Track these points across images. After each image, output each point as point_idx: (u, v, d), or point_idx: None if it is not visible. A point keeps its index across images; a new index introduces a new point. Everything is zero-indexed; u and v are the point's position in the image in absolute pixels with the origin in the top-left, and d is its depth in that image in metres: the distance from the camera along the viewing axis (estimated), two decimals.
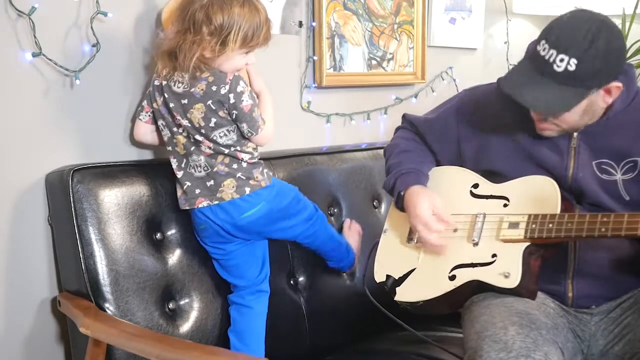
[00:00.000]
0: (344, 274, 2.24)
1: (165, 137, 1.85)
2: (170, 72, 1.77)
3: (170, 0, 1.95)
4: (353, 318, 2.18)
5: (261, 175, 1.82)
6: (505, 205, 1.71)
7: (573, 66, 1.51)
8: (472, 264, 1.67)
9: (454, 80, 3.01)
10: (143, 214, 1.86)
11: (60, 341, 1.96)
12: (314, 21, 2.44)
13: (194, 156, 1.79)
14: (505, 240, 1.65)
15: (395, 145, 1.94)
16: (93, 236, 1.77)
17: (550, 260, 1.68)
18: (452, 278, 1.68)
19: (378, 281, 1.81)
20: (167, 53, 1.75)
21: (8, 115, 1.78)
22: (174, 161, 1.83)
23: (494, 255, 1.64)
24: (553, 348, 1.52)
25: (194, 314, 1.90)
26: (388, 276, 1.79)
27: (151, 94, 1.85)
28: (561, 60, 1.51)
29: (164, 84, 1.80)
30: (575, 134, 1.68)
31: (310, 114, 2.50)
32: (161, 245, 1.89)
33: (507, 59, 3.21)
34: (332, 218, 2.26)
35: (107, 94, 1.95)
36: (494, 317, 1.57)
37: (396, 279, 1.78)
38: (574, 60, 1.50)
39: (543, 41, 1.55)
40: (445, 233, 1.73)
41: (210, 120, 1.75)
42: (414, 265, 1.77)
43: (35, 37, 1.77)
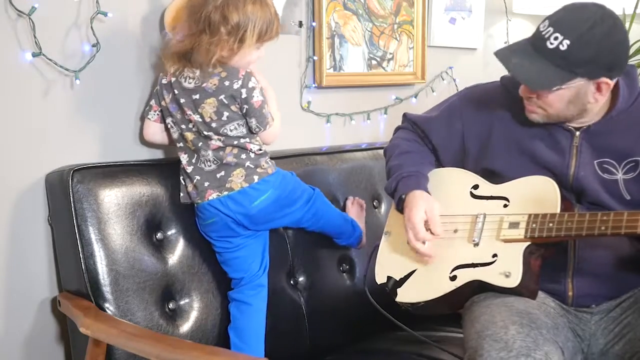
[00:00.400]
0: (344, 273, 2.24)
1: (175, 135, 1.88)
2: (180, 69, 1.81)
3: (173, 2, 1.96)
4: (353, 318, 2.18)
5: (266, 164, 1.87)
6: (505, 206, 1.71)
7: (565, 46, 1.53)
8: (473, 264, 1.67)
9: (454, 80, 3.01)
10: (143, 214, 1.86)
11: (60, 341, 1.96)
12: (314, 21, 2.44)
13: (202, 151, 1.83)
14: (506, 240, 1.65)
15: (395, 146, 1.93)
16: (93, 236, 1.77)
17: (550, 259, 1.68)
18: (453, 278, 1.68)
19: (379, 282, 1.81)
20: (179, 54, 1.79)
21: (8, 115, 1.78)
22: (185, 157, 1.86)
23: (495, 255, 1.64)
24: (553, 347, 1.52)
25: (194, 314, 1.90)
26: (389, 277, 1.79)
27: (159, 93, 1.88)
28: (555, 38, 1.54)
29: (173, 80, 1.83)
30: (577, 133, 1.68)
31: (310, 114, 2.50)
32: (161, 245, 1.89)
33: None
34: None
35: (107, 94, 1.95)
36: (495, 317, 1.57)
37: (397, 280, 1.78)
38: (567, 41, 1.53)
39: (547, 20, 1.58)
40: (445, 233, 1.74)
41: (222, 114, 1.79)
42: (414, 267, 1.77)
43: (35, 37, 1.77)
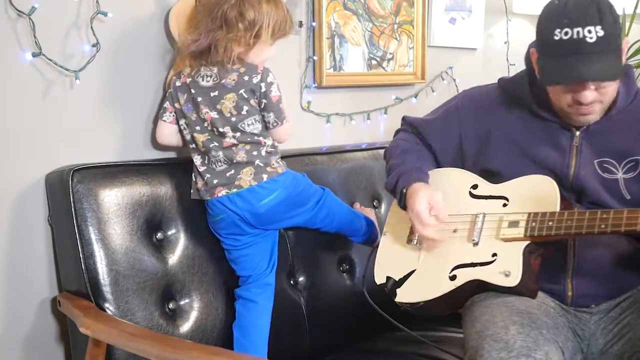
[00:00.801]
0: (344, 273, 2.24)
1: (187, 137, 1.91)
2: (196, 69, 1.86)
3: (175, 5, 1.96)
4: (353, 318, 2.18)
5: (277, 163, 1.90)
6: (504, 205, 1.71)
7: (602, 32, 1.53)
8: (473, 263, 1.67)
9: (454, 80, 3.01)
10: (143, 214, 1.86)
11: (60, 341, 1.96)
12: (314, 21, 2.44)
13: (212, 152, 1.86)
14: (505, 239, 1.65)
15: (396, 146, 1.94)
16: (93, 236, 1.77)
17: (550, 259, 1.68)
18: (453, 278, 1.68)
19: (378, 283, 1.80)
20: (195, 53, 1.84)
21: (8, 115, 1.78)
22: (198, 157, 1.89)
23: (494, 255, 1.64)
24: (553, 347, 1.52)
25: (194, 314, 1.90)
26: (388, 278, 1.79)
27: (172, 95, 1.91)
28: (589, 31, 1.53)
29: (189, 81, 1.87)
30: (577, 133, 1.68)
31: (310, 114, 2.50)
32: (161, 245, 1.89)
33: (507, 59, 3.21)
34: None
35: (107, 94, 1.95)
36: (495, 317, 1.57)
37: (396, 280, 1.77)
38: (599, 27, 1.53)
39: (557, 30, 1.55)
40: (444, 233, 1.74)
41: (242, 108, 1.84)
42: (414, 267, 1.77)
43: (35, 37, 1.77)
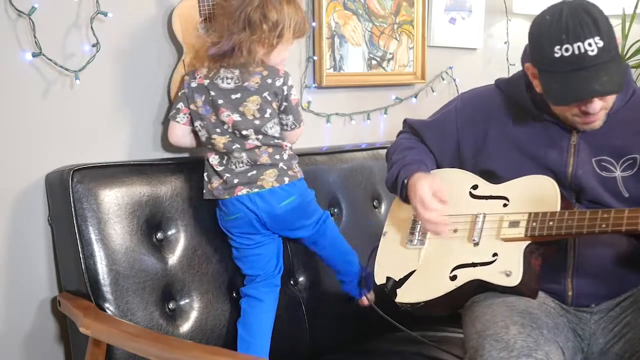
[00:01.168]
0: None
1: (203, 138, 1.91)
2: (215, 71, 1.87)
3: (178, 6, 1.96)
4: (353, 318, 2.18)
5: (297, 168, 1.94)
6: (504, 205, 1.71)
7: (601, 43, 1.53)
8: (473, 263, 1.67)
9: (454, 80, 3.01)
10: (143, 214, 1.86)
11: (60, 341, 1.96)
12: (314, 21, 2.44)
13: (235, 154, 1.87)
14: (506, 239, 1.65)
15: (397, 144, 1.95)
16: (93, 236, 1.77)
17: (550, 258, 1.68)
18: (453, 278, 1.68)
19: (378, 283, 1.80)
20: (216, 56, 1.86)
21: (8, 115, 1.78)
22: (215, 157, 1.90)
23: (495, 255, 1.64)
24: (554, 347, 1.52)
25: (194, 314, 1.90)
26: (388, 278, 1.79)
27: (188, 96, 1.91)
28: (589, 44, 1.52)
29: (207, 83, 1.87)
30: (575, 132, 1.68)
31: (310, 114, 2.50)
32: (161, 245, 1.89)
33: (507, 59, 3.21)
34: (333, 218, 2.25)
35: (107, 94, 1.95)
36: (496, 317, 1.57)
37: (396, 280, 1.77)
38: (597, 38, 1.52)
39: (557, 47, 1.54)
40: (445, 234, 1.74)
41: (265, 111, 1.87)
42: (414, 267, 1.77)
43: (35, 37, 1.77)
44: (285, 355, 1.99)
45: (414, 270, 1.77)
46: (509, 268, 1.61)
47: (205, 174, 1.92)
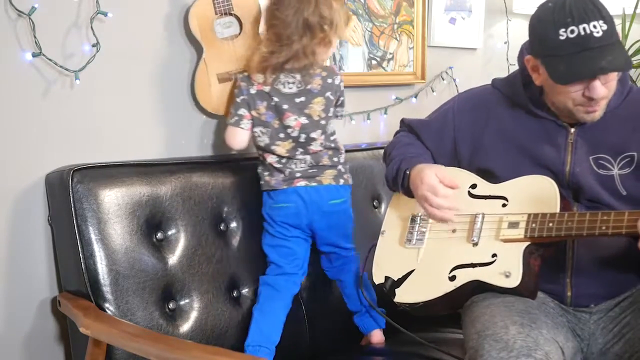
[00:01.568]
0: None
1: (262, 144, 1.96)
2: (274, 77, 1.91)
3: (194, 5, 1.98)
4: (353, 318, 2.18)
5: (349, 173, 2.06)
6: (504, 205, 1.71)
7: (605, 26, 1.54)
8: (472, 264, 1.67)
9: (454, 80, 3.01)
10: (143, 214, 1.86)
11: (60, 341, 1.96)
12: None
13: (299, 156, 1.97)
14: (505, 240, 1.65)
15: (395, 142, 1.95)
16: (93, 236, 1.77)
17: (549, 259, 1.68)
18: (452, 278, 1.68)
19: (377, 283, 1.80)
20: (275, 65, 1.90)
21: (8, 115, 1.78)
22: (274, 157, 1.97)
23: (494, 255, 1.64)
24: (553, 347, 1.52)
25: (194, 314, 1.90)
26: (387, 278, 1.78)
27: (249, 102, 1.95)
28: (594, 26, 1.53)
29: (268, 89, 1.92)
30: (572, 130, 1.68)
31: None
32: (161, 245, 1.89)
33: (507, 59, 3.21)
34: None
35: (107, 94, 1.95)
36: (495, 317, 1.57)
37: (395, 280, 1.77)
38: (601, 22, 1.53)
39: (562, 30, 1.54)
40: (443, 233, 1.74)
41: (329, 110, 1.97)
42: (413, 266, 1.77)
43: (35, 37, 1.77)
44: (285, 355, 1.99)
45: (413, 270, 1.76)
46: (508, 269, 1.61)
47: (260, 169, 1.99)
